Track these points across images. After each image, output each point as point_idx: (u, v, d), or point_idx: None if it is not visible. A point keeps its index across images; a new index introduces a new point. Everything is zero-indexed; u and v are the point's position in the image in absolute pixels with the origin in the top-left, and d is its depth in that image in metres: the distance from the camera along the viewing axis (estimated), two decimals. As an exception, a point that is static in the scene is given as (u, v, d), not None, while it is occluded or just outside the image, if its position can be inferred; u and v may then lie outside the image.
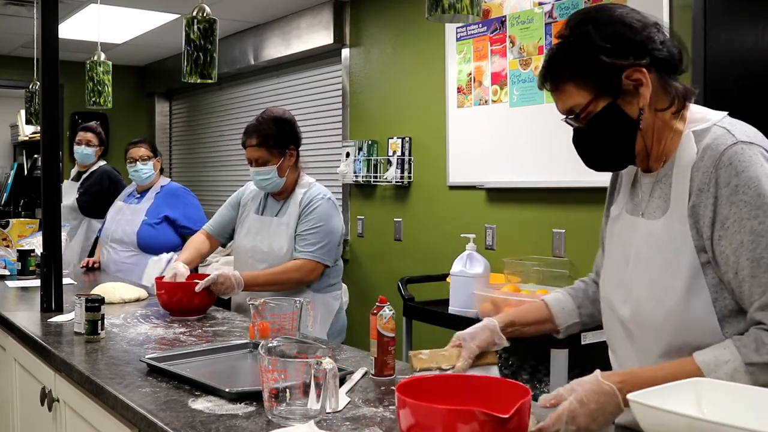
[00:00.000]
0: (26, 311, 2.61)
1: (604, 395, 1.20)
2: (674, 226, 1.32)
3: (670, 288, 1.31)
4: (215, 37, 2.55)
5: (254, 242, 2.75)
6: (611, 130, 1.37)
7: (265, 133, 2.68)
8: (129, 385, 1.66)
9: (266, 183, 2.71)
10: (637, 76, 1.32)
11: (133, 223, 3.78)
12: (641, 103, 1.34)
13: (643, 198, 1.43)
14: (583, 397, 1.20)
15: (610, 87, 1.34)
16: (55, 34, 2.64)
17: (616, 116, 1.35)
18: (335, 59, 5.03)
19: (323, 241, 2.64)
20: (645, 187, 1.43)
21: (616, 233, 1.50)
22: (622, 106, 1.35)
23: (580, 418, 1.19)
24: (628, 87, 1.33)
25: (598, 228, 3.57)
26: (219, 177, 6.69)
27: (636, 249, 1.41)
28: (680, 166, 1.33)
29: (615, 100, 1.34)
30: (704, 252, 1.28)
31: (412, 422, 1.13)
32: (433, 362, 1.58)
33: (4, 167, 8.44)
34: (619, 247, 1.47)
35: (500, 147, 3.72)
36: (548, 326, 1.68)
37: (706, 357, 1.23)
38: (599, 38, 1.33)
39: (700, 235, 1.28)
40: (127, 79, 7.27)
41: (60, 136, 2.73)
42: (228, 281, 2.52)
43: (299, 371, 1.38)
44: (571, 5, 3.36)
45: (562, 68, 1.37)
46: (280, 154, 2.68)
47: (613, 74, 1.33)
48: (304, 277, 2.63)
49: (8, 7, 5.01)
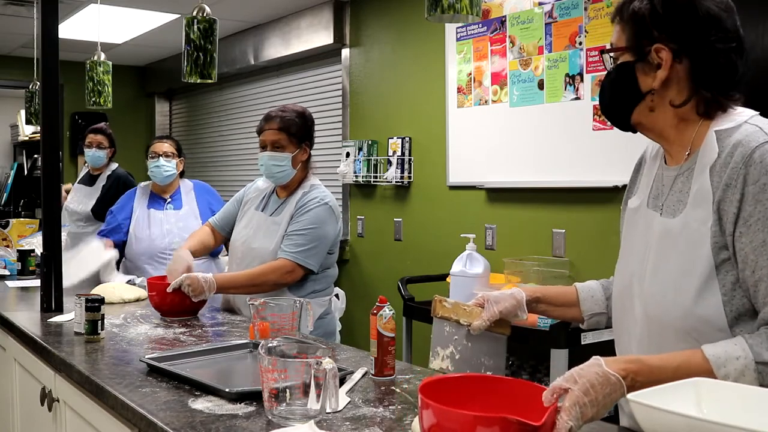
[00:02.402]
0: (26, 311, 2.61)
1: (610, 385, 1.16)
2: (690, 225, 1.31)
3: (681, 288, 1.30)
4: (215, 37, 2.55)
5: (246, 238, 2.71)
6: (618, 86, 1.40)
7: (288, 120, 2.65)
8: (129, 385, 1.66)
9: (277, 170, 2.65)
10: (663, 55, 1.33)
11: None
12: (655, 83, 1.35)
13: (663, 191, 1.41)
14: (589, 387, 1.15)
15: (639, 48, 1.35)
16: (55, 34, 2.64)
17: (626, 76, 1.38)
18: (335, 59, 5.03)
19: (310, 244, 2.55)
20: (667, 179, 1.41)
21: (636, 226, 1.47)
22: (638, 72, 1.37)
23: (587, 409, 1.14)
24: (653, 60, 1.35)
25: (598, 228, 3.58)
26: (219, 177, 6.68)
27: (651, 245, 1.39)
28: (701, 165, 1.32)
29: (635, 62, 1.36)
30: (725, 249, 1.27)
31: (440, 426, 1.09)
32: (454, 314, 1.63)
33: (4, 167, 8.45)
34: (637, 240, 1.45)
35: (500, 147, 3.72)
36: (573, 312, 1.65)
37: (716, 350, 1.21)
38: (662, 3, 1.34)
39: (723, 231, 1.27)
40: (127, 79, 7.27)
41: (60, 136, 2.73)
42: (196, 284, 2.44)
43: (299, 371, 1.38)
44: (571, 5, 3.36)
45: (625, 6, 1.39)
46: (297, 146, 2.65)
47: (648, 39, 1.34)
48: (279, 278, 2.52)
49: (8, 7, 5.01)
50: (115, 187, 4.54)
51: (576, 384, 1.15)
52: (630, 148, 3.13)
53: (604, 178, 3.22)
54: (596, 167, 3.28)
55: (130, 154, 7.05)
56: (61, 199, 3.19)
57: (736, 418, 0.98)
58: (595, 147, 3.27)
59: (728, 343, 1.22)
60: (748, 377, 1.19)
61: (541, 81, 3.51)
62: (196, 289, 2.44)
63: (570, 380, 1.16)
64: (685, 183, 1.35)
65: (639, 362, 1.21)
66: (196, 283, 2.44)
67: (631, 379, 1.18)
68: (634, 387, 1.18)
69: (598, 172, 3.26)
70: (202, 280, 2.45)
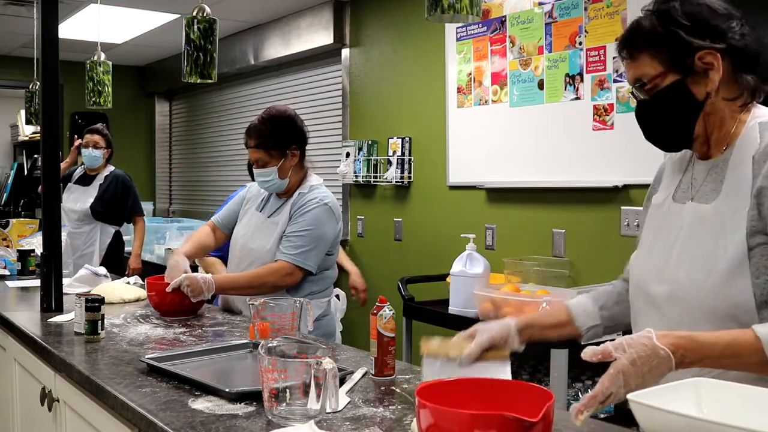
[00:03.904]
0: (26, 311, 2.61)
1: (658, 358, 1.16)
2: (725, 209, 1.34)
3: (711, 270, 1.32)
4: (215, 37, 2.55)
5: (245, 239, 2.70)
6: (674, 107, 1.39)
7: (263, 134, 2.61)
8: (129, 385, 1.66)
9: (268, 184, 2.65)
10: (710, 59, 1.35)
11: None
12: (709, 87, 1.36)
13: (695, 184, 1.44)
14: (636, 358, 1.14)
15: (682, 64, 1.36)
16: (55, 34, 2.64)
17: (681, 94, 1.38)
18: (335, 59, 5.03)
19: (308, 245, 2.53)
20: (699, 173, 1.44)
21: (658, 220, 1.49)
22: (690, 85, 1.37)
23: (630, 379, 1.14)
24: (699, 69, 1.36)
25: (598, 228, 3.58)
26: (219, 177, 6.69)
27: (680, 232, 1.41)
28: (740, 153, 1.36)
29: (684, 78, 1.37)
30: (760, 234, 1.29)
31: (437, 426, 1.09)
32: (443, 349, 1.55)
33: (4, 167, 8.45)
34: (659, 232, 1.47)
35: (500, 147, 3.72)
36: (569, 330, 1.62)
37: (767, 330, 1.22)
38: (682, 15, 1.36)
39: (763, 217, 1.30)
40: (127, 79, 7.27)
41: (60, 136, 2.73)
42: (195, 284, 2.44)
43: (299, 371, 1.38)
44: (571, 5, 3.36)
45: (640, 37, 1.40)
46: (281, 155, 2.60)
47: (687, 52, 1.36)
48: (278, 280, 2.50)
49: (8, 7, 5.01)
50: (114, 187, 4.55)
51: (624, 353, 1.15)
52: (630, 148, 3.15)
53: (604, 178, 3.22)
54: (596, 167, 3.28)
55: (130, 153, 7.07)
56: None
57: (736, 418, 0.99)
58: (595, 147, 3.27)
59: None
60: None
61: (541, 81, 3.51)
62: (195, 289, 2.44)
63: (619, 348, 1.16)
64: (719, 173, 1.39)
65: (689, 338, 1.21)
66: (196, 284, 2.44)
67: (681, 355, 1.18)
68: (683, 363, 1.18)
69: (598, 172, 3.26)
70: (201, 280, 2.45)
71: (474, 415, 1.08)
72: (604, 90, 3.22)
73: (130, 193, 4.60)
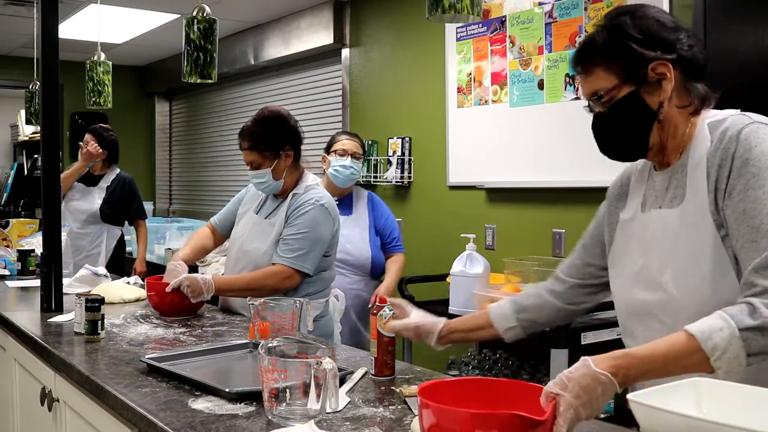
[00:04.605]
0: (26, 311, 2.61)
1: (600, 384, 1.17)
2: (692, 210, 1.37)
3: (694, 271, 1.34)
4: (215, 37, 2.55)
5: (241, 241, 2.70)
6: (630, 118, 1.43)
7: (255, 136, 2.61)
8: (129, 385, 1.66)
9: (262, 186, 2.65)
10: (662, 69, 1.39)
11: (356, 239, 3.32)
12: (662, 96, 1.40)
13: (659, 194, 1.47)
14: (579, 390, 1.16)
15: (636, 75, 1.40)
16: (55, 34, 2.64)
17: (636, 104, 1.41)
18: (335, 59, 5.03)
19: (305, 248, 2.52)
20: (660, 183, 1.48)
21: (631, 233, 1.52)
22: (644, 96, 1.41)
23: (581, 411, 1.15)
24: (653, 79, 1.40)
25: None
26: (219, 177, 6.69)
27: (654, 239, 1.43)
28: (695, 155, 1.39)
29: (638, 89, 1.41)
30: (722, 226, 1.32)
31: (439, 426, 1.09)
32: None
33: (4, 167, 8.45)
34: (634, 243, 1.49)
35: (500, 147, 3.72)
36: (490, 331, 1.74)
37: (699, 326, 1.22)
38: (633, 29, 1.41)
39: (717, 208, 1.33)
40: (127, 79, 7.27)
41: (60, 136, 2.72)
42: (195, 285, 2.44)
43: (299, 371, 1.38)
44: (571, 5, 3.36)
45: (594, 52, 1.44)
46: (274, 156, 2.59)
47: (640, 64, 1.40)
48: (277, 284, 2.49)
49: (8, 7, 5.01)
50: (120, 189, 4.58)
51: (566, 388, 1.17)
52: (630, 148, 3.14)
53: (604, 178, 3.19)
54: (596, 167, 3.27)
55: (130, 153, 7.06)
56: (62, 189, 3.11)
57: (736, 418, 0.99)
58: (595, 147, 3.25)
59: (708, 319, 1.24)
60: (735, 345, 1.19)
61: (541, 81, 3.51)
62: (195, 290, 2.44)
63: (560, 385, 1.18)
64: (681, 178, 1.42)
65: (628, 356, 1.22)
66: (195, 285, 2.44)
67: (623, 375, 1.19)
68: (627, 381, 1.19)
69: (598, 172, 3.26)
70: (201, 281, 2.45)
71: (478, 414, 1.08)
72: (604, 90, 3.22)
73: (135, 197, 4.64)
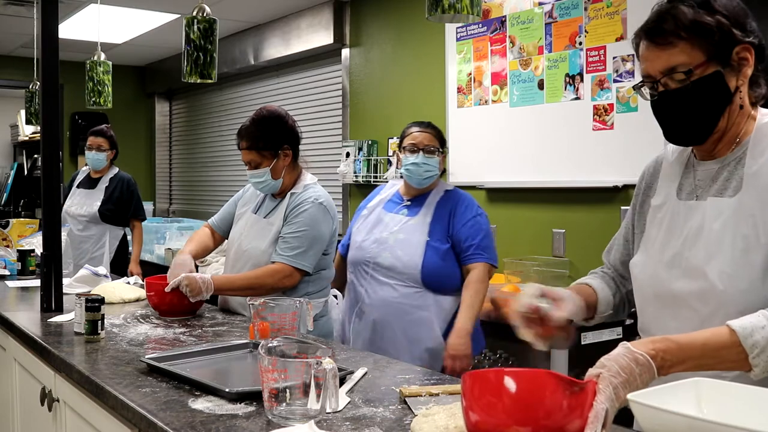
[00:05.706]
0: (26, 311, 2.61)
1: (639, 365, 1.16)
2: (750, 202, 1.34)
3: (746, 263, 1.32)
4: (215, 37, 2.55)
5: (240, 240, 2.69)
6: (710, 97, 1.38)
7: (253, 135, 2.61)
8: (129, 385, 1.66)
9: (261, 185, 2.65)
10: (745, 54, 1.37)
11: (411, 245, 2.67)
12: (740, 81, 1.38)
13: (701, 183, 1.44)
14: (618, 369, 1.15)
15: (723, 56, 1.36)
16: (55, 34, 2.63)
17: (719, 85, 1.37)
18: (335, 59, 5.04)
19: (304, 246, 2.52)
20: (705, 173, 1.45)
21: (662, 219, 1.49)
22: (727, 77, 1.38)
23: (620, 390, 1.14)
24: (735, 62, 1.37)
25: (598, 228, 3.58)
26: (219, 177, 6.69)
27: (699, 227, 1.40)
28: (756, 149, 1.37)
29: (723, 69, 1.37)
30: None
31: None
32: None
33: (4, 167, 8.45)
34: (670, 231, 1.46)
35: (500, 147, 3.72)
36: (588, 314, 1.61)
37: (742, 323, 1.22)
38: (723, 8, 1.37)
39: None
40: (127, 79, 7.28)
41: (60, 136, 2.72)
42: (194, 284, 2.43)
43: (299, 371, 1.38)
44: (571, 5, 3.36)
45: (681, 23, 1.36)
46: (273, 156, 2.60)
47: (730, 44, 1.36)
48: (277, 282, 2.48)
49: (8, 7, 5.01)
50: (119, 190, 4.55)
51: (605, 368, 1.16)
52: (630, 148, 3.15)
53: (604, 178, 3.22)
54: (596, 167, 3.28)
55: (130, 153, 7.07)
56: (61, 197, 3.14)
57: (736, 418, 0.98)
58: (595, 147, 3.27)
59: (752, 316, 1.24)
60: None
61: (541, 81, 3.51)
62: (194, 289, 2.44)
63: (599, 366, 1.17)
64: (734, 171, 1.40)
65: (666, 341, 1.21)
66: (194, 284, 2.44)
67: (661, 359, 1.18)
68: (664, 366, 1.19)
69: (598, 172, 3.26)
70: (200, 280, 2.45)
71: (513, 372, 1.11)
72: (604, 90, 3.22)
73: (133, 197, 4.60)
